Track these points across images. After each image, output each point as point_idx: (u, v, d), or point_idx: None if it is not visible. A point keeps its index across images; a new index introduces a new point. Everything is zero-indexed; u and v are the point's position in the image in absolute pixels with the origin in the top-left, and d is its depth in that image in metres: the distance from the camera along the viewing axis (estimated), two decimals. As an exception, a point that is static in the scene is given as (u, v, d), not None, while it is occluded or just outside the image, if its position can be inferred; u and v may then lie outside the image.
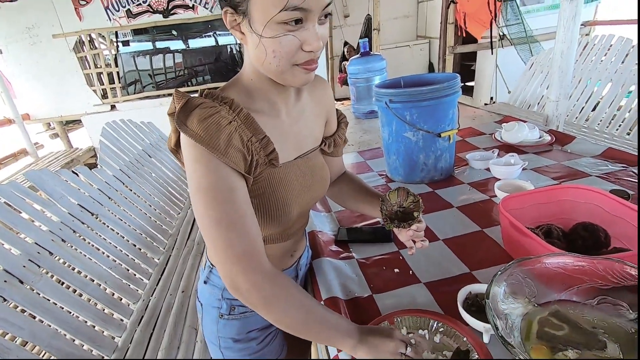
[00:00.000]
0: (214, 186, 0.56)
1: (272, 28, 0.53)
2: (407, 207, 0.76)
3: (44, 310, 0.99)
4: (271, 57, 0.55)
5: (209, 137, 0.54)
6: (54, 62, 4.21)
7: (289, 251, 0.80)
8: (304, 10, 0.52)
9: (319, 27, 0.56)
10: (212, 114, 0.56)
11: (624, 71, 2.14)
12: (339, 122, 0.84)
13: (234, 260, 0.55)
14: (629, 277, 0.58)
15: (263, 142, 0.61)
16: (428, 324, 0.68)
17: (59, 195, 1.29)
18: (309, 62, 0.58)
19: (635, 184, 1.08)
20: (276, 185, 0.65)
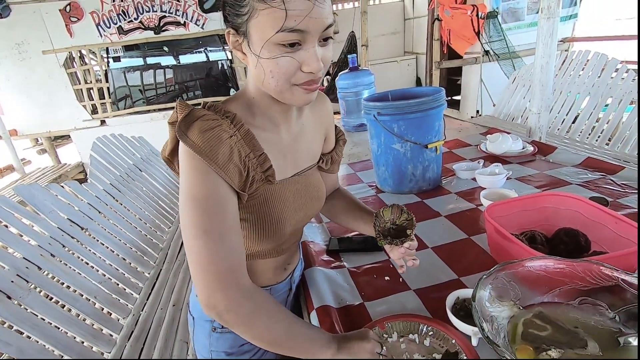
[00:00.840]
0: (207, 197, 0.55)
1: (269, 49, 0.53)
2: (400, 224, 0.75)
3: (32, 326, 0.97)
4: (269, 77, 0.56)
5: (208, 149, 0.55)
6: (43, 78, 4.20)
7: (282, 265, 0.80)
8: (301, 32, 0.52)
9: (319, 48, 0.56)
10: (214, 127, 0.56)
11: (601, 85, 2.24)
12: (337, 139, 0.84)
13: (214, 276, 0.54)
14: (606, 278, 0.60)
15: (260, 158, 0.62)
16: (418, 328, 0.70)
17: (49, 210, 1.28)
18: (309, 83, 0.57)
19: (613, 191, 1.12)
20: (272, 201, 0.65)
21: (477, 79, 4.41)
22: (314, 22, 0.52)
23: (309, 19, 0.51)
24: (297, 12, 0.51)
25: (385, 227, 0.76)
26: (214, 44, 4.79)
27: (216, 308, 0.55)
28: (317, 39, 0.55)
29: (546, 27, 1.68)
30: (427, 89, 1.37)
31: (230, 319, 0.56)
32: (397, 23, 6.46)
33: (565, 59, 2.55)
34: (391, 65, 6.12)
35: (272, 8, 0.50)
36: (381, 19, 6.24)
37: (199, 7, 4.21)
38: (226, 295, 0.55)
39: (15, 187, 1.25)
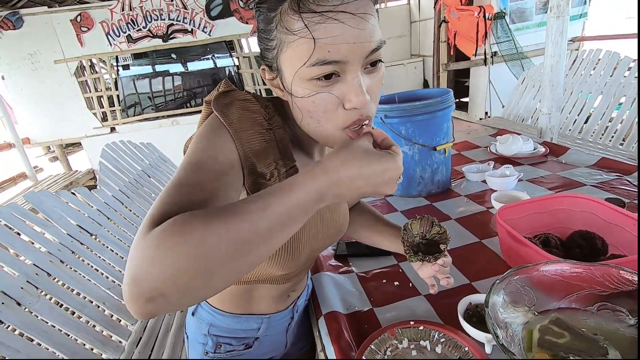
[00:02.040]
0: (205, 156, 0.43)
1: (303, 86, 0.45)
2: (431, 238, 0.68)
3: (41, 333, 0.97)
4: (308, 117, 0.47)
5: (239, 125, 0.47)
6: (54, 87, 4.29)
7: (286, 292, 0.73)
8: (337, 62, 0.42)
9: (364, 78, 0.45)
10: (254, 111, 0.49)
11: (613, 83, 2.19)
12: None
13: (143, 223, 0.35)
14: (627, 282, 0.58)
15: (290, 171, 0.51)
16: (429, 334, 0.68)
17: (58, 217, 1.29)
18: (357, 122, 0.46)
19: (630, 192, 1.09)
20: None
21: (485, 80, 4.38)
22: (352, 49, 0.42)
23: (346, 45, 0.42)
24: (330, 39, 0.41)
25: (415, 242, 0.68)
26: (221, 50, 4.84)
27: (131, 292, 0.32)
28: (361, 67, 0.45)
29: (556, 26, 1.66)
30: (434, 91, 1.36)
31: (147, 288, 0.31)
32: (403, 26, 6.46)
33: (576, 59, 2.51)
34: (398, 68, 6.11)
35: (300, 39, 0.42)
36: (387, 23, 6.25)
37: (206, 15, 4.26)
38: (137, 243, 0.34)
39: (26, 194, 1.27)
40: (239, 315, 0.72)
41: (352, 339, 0.72)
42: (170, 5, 4.17)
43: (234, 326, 0.72)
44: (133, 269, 0.32)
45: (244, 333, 0.74)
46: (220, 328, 0.72)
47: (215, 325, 0.72)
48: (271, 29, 0.45)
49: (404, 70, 6.14)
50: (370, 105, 0.47)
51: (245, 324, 0.73)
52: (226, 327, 0.72)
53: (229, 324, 0.72)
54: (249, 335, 0.74)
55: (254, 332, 0.74)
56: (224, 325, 0.72)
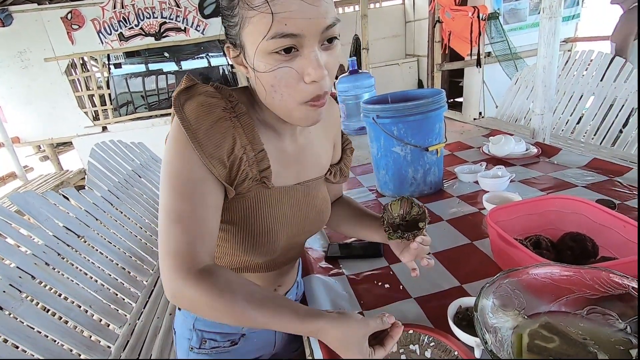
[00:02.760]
0: (179, 175, 0.51)
1: (264, 60, 0.48)
2: (410, 219, 0.68)
3: (24, 338, 0.94)
4: (272, 92, 0.50)
5: (197, 125, 0.50)
6: (45, 85, 4.23)
7: (271, 284, 0.73)
8: (294, 36, 0.46)
9: (321, 53, 0.49)
10: (213, 105, 0.52)
11: (605, 85, 2.20)
12: (344, 148, 0.78)
13: (168, 259, 0.50)
14: (617, 286, 0.57)
15: (259, 155, 0.55)
16: (419, 338, 0.67)
17: (44, 218, 1.26)
18: (316, 98, 0.50)
19: (620, 193, 1.09)
20: (266, 207, 0.59)
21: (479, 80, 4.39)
22: (308, 24, 0.46)
23: (303, 20, 0.45)
24: (287, 14, 0.45)
25: (395, 223, 0.69)
26: (215, 49, 4.80)
27: (168, 294, 0.51)
28: (317, 43, 0.48)
29: (548, 26, 1.66)
30: (427, 91, 1.35)
31: (179, 304, 0.52)
32: (398, 26, 6.46)
33: (569, 59, 2.52)
34: (393, 68, 6.12)
35: (260, 14, 0.45)
36: (382, 22, 6.25)
37: (199, 13, 4.23)
38: (171, 280, 0.49)
39: (10, 195, 1.24)
40: None
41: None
42: (162, 4, 4.13)
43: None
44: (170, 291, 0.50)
45: (229, 328, 0.72)
46: (205, 322, 0.71)
47: (200, 319, 0.71)
48: (233, 6, 0.48)
49: (398, 70, 6.15)
50: (327, 79, 0.50)
51: None
52: (210, 321, 0.71)
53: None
54: (235, 330, 0.73)
55: (239, 327, 0.73)
56: (208, 319, 0.71)
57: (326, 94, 0.52)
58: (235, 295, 0.50)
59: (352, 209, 0.83)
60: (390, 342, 0.58)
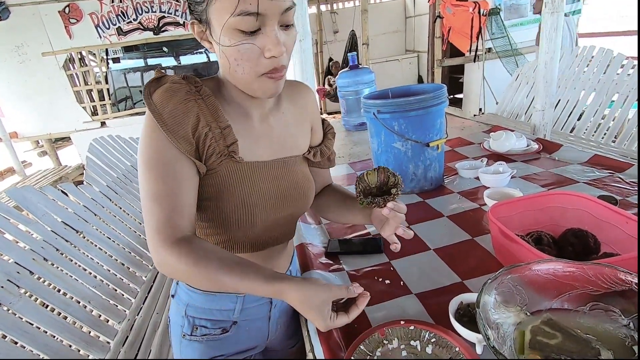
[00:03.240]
0: (151, 157, 0.56)
1: (230, 36, 0.53)
2: (385, 189, 0.68)
3: (22, 333, 0.94)
4: (235, 65, 0.56)
5: (161, 108, 0.55)
6: (43, 80, 4.20)
7: None
8: (257, 14, 0.52)
9: (280, 33, 0.55)
10: (178, 90, 0.56)
11: (607, 81, 2.19)
12: (326, 132, 0.81)
13: (151, 233, 0.55)
14: (619, 282, 0.57)
15: (225, 131, 0.60)
16: (420, 334, 0.66)
17: (42, 213, 1.25)
18: (273, 71, 0.57)
19: (622, 189, 1.08)
20: (239, 181, 0.62)
21: (479, 76, 4.37)
22: (270, 5, 0.52)
23: (266, 1, 0.51)
24: None
25: (369, 190, 0.69)
26: (214, 44, 4.75)
27: (156, 264, 0.57)
28: (277, 23, 0.54)
29: (550, 21, 1.65)
30: (428, 86, 1.34)
31: (164, 272, 0.58)
32: (398, 21, 6.43)
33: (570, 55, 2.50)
34: (393, 64, 6.09)
35: None
36: (382, 18, 6.21)
37: (198, 7, 4.19)
38: (157, 252, 0.55)
39: (8, 190, 1.23)
40: (214, 294, 0.71)
41: (342, 339, 0.70)
42: (161, -2, 4.09)
43: (209, 305, 0.72)
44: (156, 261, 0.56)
45: (219, 314, 0.73)
46: (196, 308, 0.72)
47: (192, 305, 0.72)
48: None
49: (398, 66, 6.12)
50: (285, 55, 0.57)
51: (220, 303, 0.72)
52: (201, 306, 0.72)
53: (204, 303, 0.72)
54: (225, 317, 0.73)
55: (229, 314, 0.73)
56: (199, 304, 0.72)
57: (283, 67, 0.58)
58: (209, 261, 0.55)
59: (339, 194, 0.84)
60: (354, 311, 0.62)
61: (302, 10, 1.36)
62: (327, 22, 6.05)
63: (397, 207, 0.66)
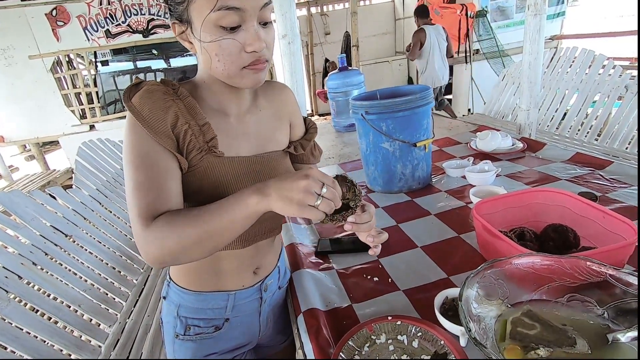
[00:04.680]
0: (132, 151, 0.57)
1: (211, 32, 0.55)
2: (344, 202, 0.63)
3: (12, 339, 0.93)
4: (215, 60, 0.57)
5: (140, 107, 0.56)
6: (30, 84, 4.14)
7: (248, 267, 0.74)
8: (237, 9, 0.53)
9: (260, 29, 0.57)
10: (156, 91, 0.58)
11: (589, 81, 2.25)
12: (308, 127, 0.82)
13: (134, 223, 0.55)
14: (595, 274, 0.59)
15: (204, 128, 0.61)
16: (407, 329, 0.68)
17: (30, 217, 1.24)
18: (255, 63, 0.58)
19: (602, 185, 1.12)
20: (220, 175, 0.63)
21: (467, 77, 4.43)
22: (249, 0, 0.54)
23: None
24: None
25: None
26: (204, 46, 4.74)
27: (144, 255, 0.54)
28: (256, 19, 0.56)
29: (533, 23, 1.69)
30: (414, 87, 1.37)
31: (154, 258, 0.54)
32: (388, 23, 6.48)
33: (554, 56, 2.56)
34: (383, 66, 6.14)
35: None
36: (372, 20, 6.26)
37: (187, 10, 4.17)
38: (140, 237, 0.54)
39: (-5, 195, 1.22)
40: (205, 293, 0.72)
41: (331, 336, 0.72)
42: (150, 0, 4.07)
43: (201, 305, 0.73)
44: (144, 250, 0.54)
45: (212, 313, 0.74)
46: (189, 308, 0.73)
47: (184, 305, 0.73)
48: None
49: (388, 68, 6.17)
50: (266, 50, 0.58)
51: (212, 302, 0.73)
52: (193, 306, 0.73)
53: (196, 303, 0.73)
54: (218, 315, 0.74)
55: (222, 312, 0.74)
56: (191, 304, 0.73)
57: (264, 60, 0.59)
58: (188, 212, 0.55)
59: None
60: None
61: (290, 12, 1.37)
62: (318, 24, 6.07)
63: (359, 219, 0.62)
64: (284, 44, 1.40)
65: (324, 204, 0.51)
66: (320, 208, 0.51)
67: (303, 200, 0.50)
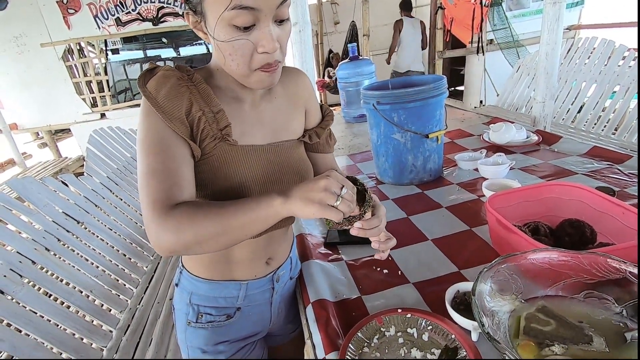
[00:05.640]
0: (146, 137, 0.56)
1: (225, 31, 0.53)
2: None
3: (25, 321, 0.95)
4: (229, 60, 0.56)
5: (156, 93, 0.56)
6: (42, 71, 4.17)
7: (261, 257, 0.74)
8: (252, 9, 0.51)
9: (274, 28, 0.55)
10: (171, 77, 0.57)
11: (608, 72, 2.18)
12: (324, 115, 0.80)
13: (147, 210, 0.53)
14: (614, 271, 0.58)
15: (218, 115, 0.60)
16: (416, 322, 0.67)
17: (43, 204, 1.26)
18: (267, 66, 0.57)
19: (620, 180, 1.09)
20: (234, 164, 0.62)
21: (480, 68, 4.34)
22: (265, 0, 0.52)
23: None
24: None
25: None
26: (214, 35, 4.71)
27: (155, 244, 0.53)
28: (271, 19, 0.54)
29: (552, 12, 1.63)
30: (427, 77, 1.34)
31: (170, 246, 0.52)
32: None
33: (571, 47, 2.49)
34: (393, 55, 6.02)
35: None
36: (383, 9, 6.13)
37: (197, -2, 4.14)
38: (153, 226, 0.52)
39: (9, 181, 1.24)
40: (218, 282, 0.73)
41: (340, 327, 0.71)
42: (160, -13, 4.05)
43: (213, 294, 0.73)
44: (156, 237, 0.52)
45: (224, 302, 0.74)
46: (201, 296, 0.73)
47: (196, 293, 0.73)
48: None
49: (399, 58, 6.06)
50: (278, 51, 0.57)
51: (225, 290, 0.73)
52: (205, 294, 0.73)
53: (208, 292, 0.73)
54: (230, 304, 0.75)
55: (234, 301, 0.74)
56: (203, 292, 0.73)
57: (277, 62, 0.58)
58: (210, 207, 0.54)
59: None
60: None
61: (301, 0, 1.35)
62: (327, 13, 5.98)
63: (366, 225, 0.60)
64: (295, 32, 1.38)
65: (343, 204, 0.52)
66: (340, 208, 0.52)
67: (324, 200, 0.51)
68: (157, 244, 0.53)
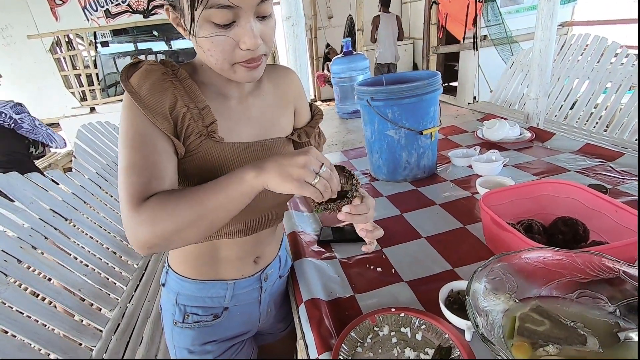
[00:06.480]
0: (128, 131, 0.54)
1: (203, 27, 0.51)
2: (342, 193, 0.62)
3: (10, 321, 0.93)
4: (209, 55, 0.54)
5: (138, 88, 0.54)
6: (29, 64, 4.09)
7: (248, 255, 0.73)
8: (231, 7, 0.49)
9: (256, 24, 0.53)
10: (155, 71, 0.56)
11: (600, 69, 2.19)
12: (314, 114, 0.79)
13: (125, 205, 0.50)
14: (607, 270, 0.57)
15: (203, 111, 0.58)
16: (410, 321, 0.67)
17: (29, 200, 1.23)
18: (249, 61, 0.55)
19: (612, 178, 1.09)
20: (220, 161, 0.61)
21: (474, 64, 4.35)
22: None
23: None
24: None
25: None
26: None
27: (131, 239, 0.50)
28: (252, 15, 0.52)
29: (546, 8, 1.63)
30: (422, 73, 1.32)
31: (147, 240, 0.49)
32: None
33: (565, 43, 2.49)
34: (387, 51, 5.99)
35: None
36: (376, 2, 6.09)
37: (189, -10, 4.07)
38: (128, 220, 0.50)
39: (-8, 177, 1.20)
40: (204, 282, 0.71)
41: (333, 326, 0.70)
42: (150, -21, 3.97)
43: (200, 293, 0.72)
44: (132, 232, 0.50)
45: (211, 302, 0.73)
46: (187, 296, 0.72)
47: (182, 293, 0.72)
48: None
49: (393, 53, 6.04)
50: (263, 46, 0.55)
51: (211, 290, 0.72)
52: (192, 294, 0.72)
53: (195, 292, 0.72)
54: (217, 304, 0.73)
55: (221, 301, 0.73)
56: (189, 292, 0.72)
57: (261, 56, 0.56)
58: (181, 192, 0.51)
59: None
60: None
61: (294, -7, 1.32)
62: (321, 7, 5.93)
63: (354, 210, 0.60)
64: (288, 26, 1.35)
65: (321, 183, 0.50)
66: (317, 187, 0.50)
67: (301, 176, 0.49)
68: (135, 239, 0.50)
